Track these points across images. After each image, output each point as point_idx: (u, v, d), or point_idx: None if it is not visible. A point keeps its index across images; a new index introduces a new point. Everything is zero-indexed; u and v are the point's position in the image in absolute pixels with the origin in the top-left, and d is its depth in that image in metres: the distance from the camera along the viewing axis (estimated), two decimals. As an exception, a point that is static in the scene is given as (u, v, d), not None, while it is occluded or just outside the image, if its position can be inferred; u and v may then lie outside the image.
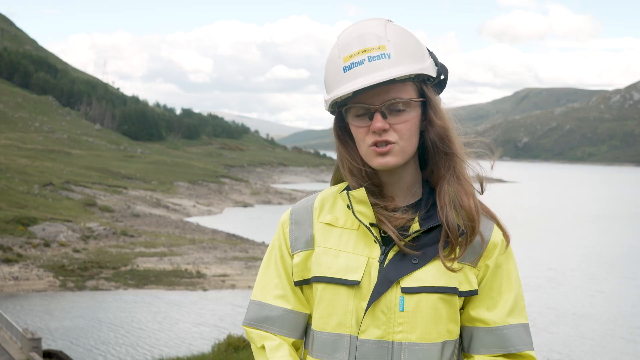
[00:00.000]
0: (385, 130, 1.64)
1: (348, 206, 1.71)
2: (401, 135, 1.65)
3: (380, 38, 1.64)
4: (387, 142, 1.64)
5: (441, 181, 1.69)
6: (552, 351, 23.62)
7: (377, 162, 1.66)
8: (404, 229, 1.68)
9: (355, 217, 1.68)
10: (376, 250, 1.67)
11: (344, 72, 1.64)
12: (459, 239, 1.66)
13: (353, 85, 1.61)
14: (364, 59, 1.62)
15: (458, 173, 1.70)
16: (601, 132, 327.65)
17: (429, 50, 1.73)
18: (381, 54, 1.62)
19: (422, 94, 1.69)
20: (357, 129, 1.67)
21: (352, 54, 1.64)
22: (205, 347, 21.06)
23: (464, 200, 1.68)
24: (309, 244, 1.74)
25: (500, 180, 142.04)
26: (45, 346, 21.47)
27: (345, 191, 1.74)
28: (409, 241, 1.67)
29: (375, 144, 1.65)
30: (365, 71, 1.61)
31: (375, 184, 1.71)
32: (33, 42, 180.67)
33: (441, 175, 1.69)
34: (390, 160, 1.65)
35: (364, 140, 1.67)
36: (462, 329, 1.73)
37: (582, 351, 24.46)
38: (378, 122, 1.63)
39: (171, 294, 32.71)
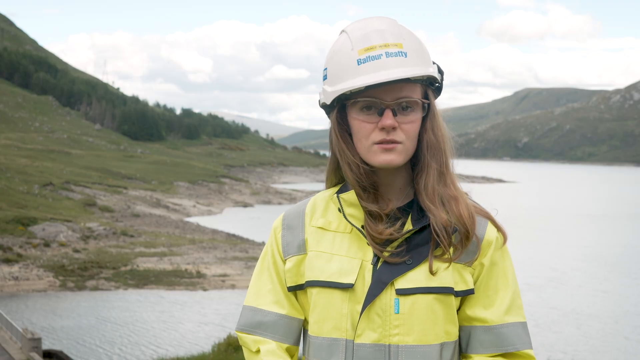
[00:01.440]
0: (394, 129, 1.62)
1: (339, 209, 1.69)
2: (407, 135, 1.63)
3: (397, 36, 1.63)
4: (393, 141, 1.62)
5: (427, 185, 1.67)
6: (555, 351, 23.60)
7: (381, 159, 1.63)
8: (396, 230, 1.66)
9: (347, 220, 1.66)
10: (370, 253, 1.65)
11: (358, 64, 1.61)
12: (452, 239, 1.64)
13: (370, 79, 1.58)
14: (382, 54, 1.60)
15: (446, 178, 1.68)
16: (601, 132, 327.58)
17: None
18: (399, 52, 1.61)
19: (425, 97, 1.68)
20: (362, 124, 1.64)
21: (369, 47, 1.61)
22: (206, 347, 21.07)
23: (452, 206, 1.65)
24: (301, 249, 1.72)
25: (500, 180, 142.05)
26: (45, 346, 21.47)
27: (336, 195, 1.72)
28: (401, 242, 1.65)
29: (381, 142, 1.63)
30: (383, 66, 1.59)
31: (372, 183, 1.68)
32: (33, 42, 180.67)
33: (429, 179, 1.67)
34: (394, 159, 1.63)
35: (367, 137, 1.63)
36: (460, 329, 1.71)
37: (585, 350, 24.45)
38: (389, 119, 1.60)
39: (171, 294, 32.71)
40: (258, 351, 1.71)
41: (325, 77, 1.70)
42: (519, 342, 1.67)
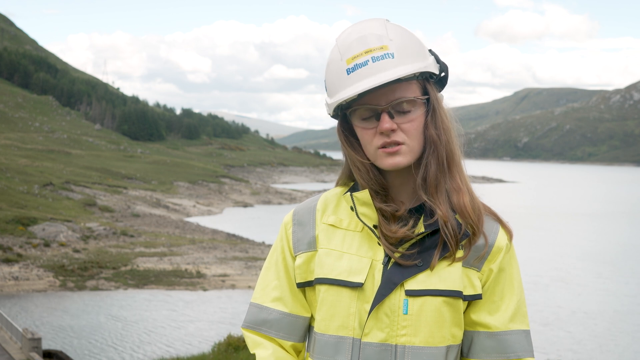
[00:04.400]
0: (393, 131, 1.62)
1: (352, 208, 1.69)
2: (409, 135, 1.63)
3: (382, 38, 1.62)
4: (396, 143, 1.62)
5: (437, 183, 1.66)
6: (564, 349, 23.60)
7: (387, 163, 1.63)
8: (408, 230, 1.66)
9: (359, 218, 1.66)
10: (380, 252, 1.65)
11: (348, 74, 1.62)
12: (463, 241, 1.64)
13: (358, 87, 1.59)
14: (368, 60, 1.60)
15: (454, 173, 1.67)
16: (601, 132, 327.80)
17: (429, 50, 1.71)
18: (385, 54, 1.60)
19: (425, 92, 1.67)
20: (364, 131, 1.65)
21: (355, 55, 1.61)
22: (206, 347, 21.07)
23: (460, 203, 1.65)
24: (312, 245, 1.72)
25: (500, 180, 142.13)
26: (45, 346, 21.49)
27: (348, 192, 1.72)
28: (412, 244, 1.64)
29: (384, 146, 1.63)
30: (370, 72, 1.59)
31: (382, 186, 1.68)
32: (33, 42, 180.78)
33: (427, 173, 1.66)
34: (400, 161, 1.63)
35: (371, 143, 1.64)
36: (462, 333, 1.71)
37: (592, 349, 24.52)
38: (386, 122, 1.61)
39: (171, 294, 32.73)
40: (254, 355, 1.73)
41: (325, 89, 1.72)
42: (521, 350, 1.67)
